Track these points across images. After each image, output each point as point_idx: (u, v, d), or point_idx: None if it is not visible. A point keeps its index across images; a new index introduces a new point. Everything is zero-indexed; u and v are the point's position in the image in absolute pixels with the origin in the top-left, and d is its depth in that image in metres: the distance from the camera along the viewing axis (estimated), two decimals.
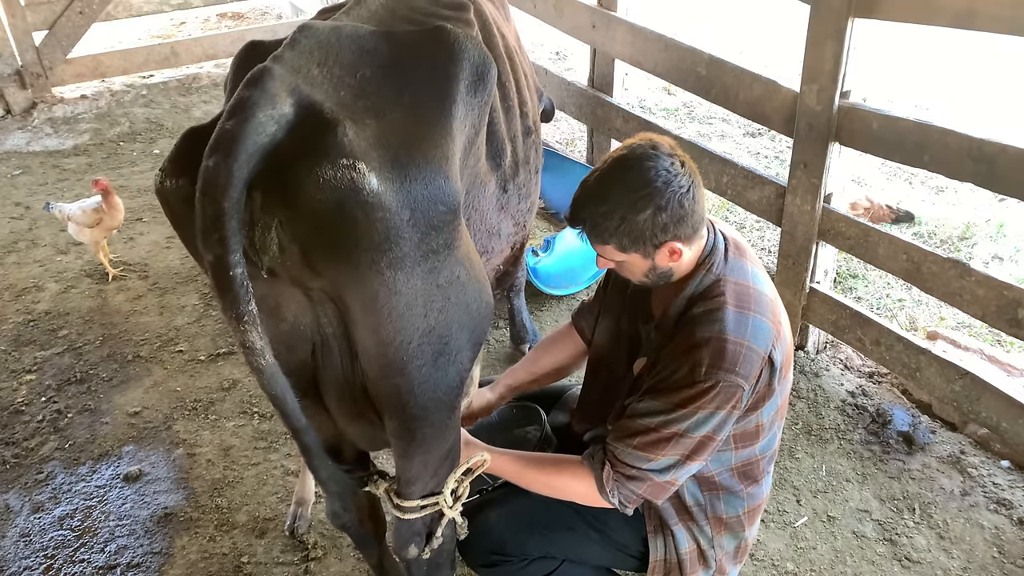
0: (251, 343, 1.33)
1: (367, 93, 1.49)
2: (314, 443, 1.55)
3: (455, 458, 1.81)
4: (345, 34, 1.55)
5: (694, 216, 1.69)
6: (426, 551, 1.85)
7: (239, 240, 1.29)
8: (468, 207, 1.91)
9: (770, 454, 1.91)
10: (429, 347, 1.53)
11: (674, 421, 1.69)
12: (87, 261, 4.14)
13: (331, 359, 1.61)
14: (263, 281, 1.44)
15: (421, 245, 1.43)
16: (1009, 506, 2.69)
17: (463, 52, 1.59)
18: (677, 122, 5.45)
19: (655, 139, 1.70)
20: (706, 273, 1.76)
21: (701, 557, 1.93)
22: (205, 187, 1.27)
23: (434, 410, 1.61)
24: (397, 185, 1.37)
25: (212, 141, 1.29)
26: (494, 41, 2.10)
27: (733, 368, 1.65)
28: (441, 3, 1.94)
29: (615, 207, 1.65)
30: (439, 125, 1.51)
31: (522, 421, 2.26)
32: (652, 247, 1.69)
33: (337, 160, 1.32)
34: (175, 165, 1.43)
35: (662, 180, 1.63)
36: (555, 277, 3.75)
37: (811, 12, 2.75)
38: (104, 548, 2.65)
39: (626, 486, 1.77)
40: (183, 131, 1.47)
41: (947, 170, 2.58)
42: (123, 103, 5.93)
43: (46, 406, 3.23)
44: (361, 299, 1.44)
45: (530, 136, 2.25)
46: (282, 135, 1.33)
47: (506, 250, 2.28)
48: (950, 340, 3.11)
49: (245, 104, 1.30)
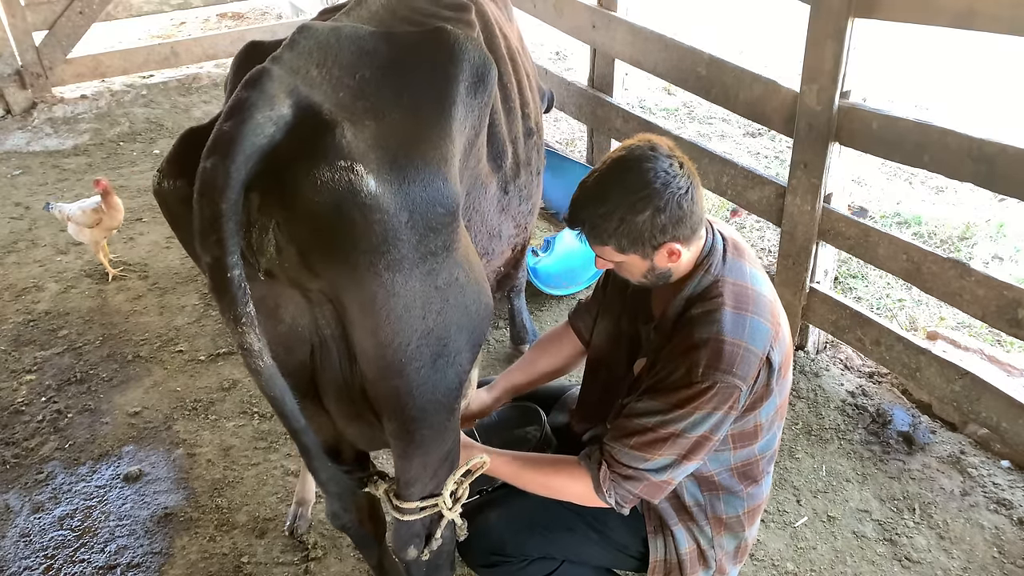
0: (249, 344, 1.33)
1: (366, 94, 1.49)
2: (313, 444, 1.55)
3: (454, 460, 1.81)
4: (344, 35, 1.55)
5: (693, 217, 1.68)
6: (425, 552, 1.85)
7: (237, 242, 1.29)
8: (469, 209, 1.91)
9: (770, 454, 1.91)
10: (428, 349, 1.53)
11: (671, 421, 1.69)
12: (87, 261, 4.14)
13: (329, 360, 1.61)
14: (261, 282, 1.44)
15: (419, 247, 1.42)
16: (1009, 506, 2.69)
17: (463, 53, 1.59)
18: (677, 122, 5.45)
19: (654, 140, 1.69)
20: (704, 274, 1.75)
21: (701, 557, 1.93)
22: (203, 188, 1.27)
23: (433, 412, 1.61)
24: (395, 187, 1.37)
25: (210, 142, 1.29)
26: (496, 42, 2.10)
27: (730, 369, 1.65)
28: (442, 3, 1.93)
29: (614, 208, 1.65)
30: (438, 127, 1.50)
31: (521, 422, 2.26)
32: (651, 248, 1.69)
33: (335, 162, 1.32)
34: (173, 166, 1.43)
35: (661, 181, 1.63)
36: (555, 277, 3.75)
37: (811, 12, 2.75)
38: (104, 548, 2.65)
39: (622, 486, 1.77)
40: (182, 131, 1.46)
41: (947, 170, 2.58)
42: (123, 103, 5.93)
43: (46, 406, 3.23)
44: (359, 301, 1.43)
45: (532, 137, 2.24)
46: (280, 136, 1.33)
47: (507, 252, 2.28)
48: (950, 340, 3.10)
49: (243, 105, 1.30)
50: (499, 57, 2.07)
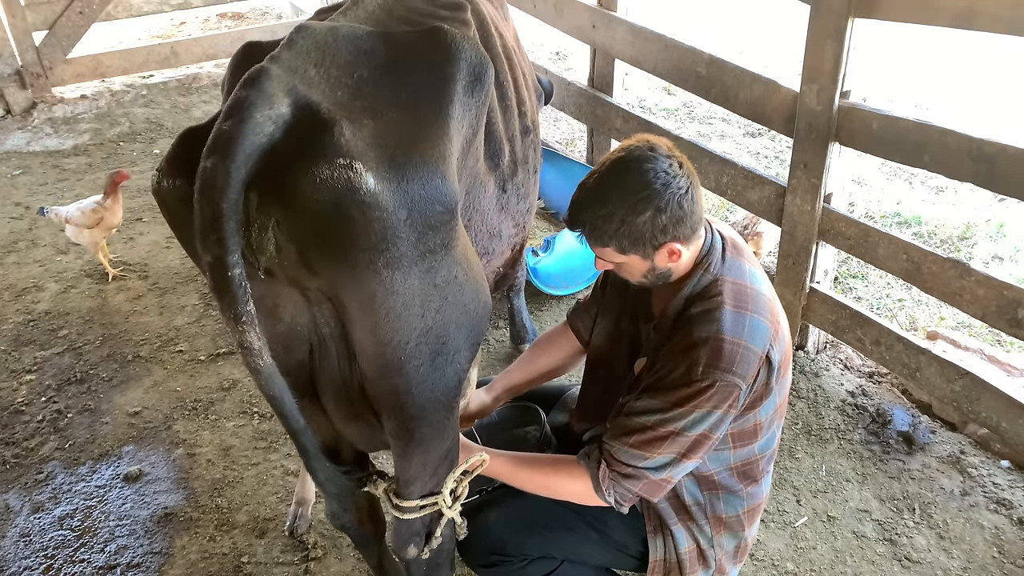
0: (249, 343, 1.33)
1: (364, 93, 1.49)
2: (312, 444, 1.55)
3: (454, 458, 1.81)
4: (342, 35, 1.55)
5: (693, 217, 1.69)
6: (425, 551, 1.85)
7: (237, 241, 1.29)
8: (469, 208, 1.91)
9: (769, 453, 1.91)
10: (427, 347, 1.53)
11: (671, 420, 1.69)
12: (87, 261, 4.14)
13: (328, 359, 1.61)
14: (261, 281, 1.44)
15: (418, 245, 1.43)
16: (1009, 506, 2.69)
17: (460, 52, 1.59)
18: (677, 122, 5.46)
19: (652, 140, 1.69)
20: (703, 273, 1.76)
21: (701, 557, 1.93)
22: (203, 188, 1.27)
23: (432, 410, 1.61)
24: (394, 185, 1.37)
25: (210, 142, 1.29)
26: (492, 41, 2.10)
27: (730, 368, 1.66)
28: (438, 3, 1.93)
29: (615, 209, 1.65)
30: (436, 125, 1.50)
31: (521, 421, 2.26)
32: (652, 248, 1.69)
33: (334, 160, 1.32)
34: (172, 165, 1.43)
35: (661, 182, 1.63)
36: (555, 277, 3.75)
37: (811, 12, 2.75)
38: (104, 548, 2.65)
39: (622, 484, 1.77)
40: (181, 131, 1.46)
41: (947, 170, 2.58)
42: (123, 103, 5.93)
43: (46, 406, 3.23)
44: (358, 299, 1.44)
45: (528, 136, 2.24)
46: (279, 135, 1.33)
47: (506, 252, 2.28)
48: (950, 340, 3.10)
49: (242, 104, 1.30)
50: (495, 56, 2.07)
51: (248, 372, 1.39)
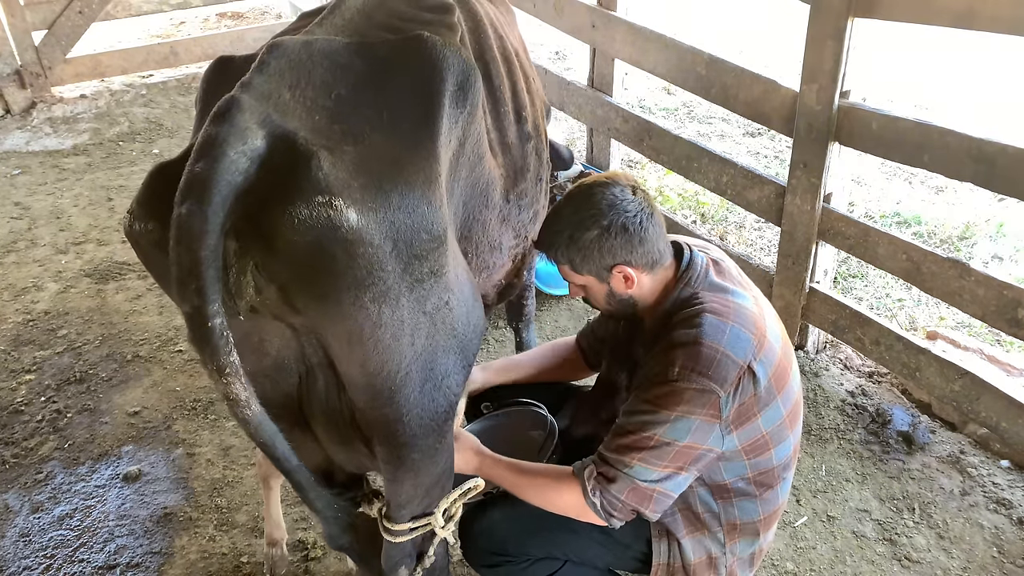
0: (235, 395, 1.27)
1: (343, 116, 1.40)
2: (307, 479, 1.51)
3: (447, 481, 1.78)
4: (317, 50, 1.45)
5: (645, 244, 1.75)
6: (418, 571, 1.83)
7: (218, 289, 1.22)
8: (469, 219, 1.85)
9: (785, 461, 1.89)
10: (417, 375, 1.49)
11: (649, 424, 1.69)
12: (87, 261, 4.14)
13: (317, 388, 1.57)
14: (244, 319, 1.38)
15: (405, 276, 1.37)
16: (1009, 506, 2.69)
17: (443, 63, 1.50)
18: (677, 121, 5.46)
19: (617, 173, 1.83)
20: (684, 287, 1.81)
21: (711, 565, 1.92)
22: (180, 236, 1.19)
23: (423, 436, 1.57)
24: (378, 216, 1.30)
25: (183, 185, 1.20)
26: (488, 42, 2.01)
27: (706, 372, 1.66)
28: (423, 6, 1.80)
29: (564, 226, 1.78)
30: (422, 147, 1.43)
31: (527, 424, 2.25)
32: (604, 270, 1.78)
33: (312, 198, 1.24)
34: (143, 208, 1.33)
35: (607, 203, 1.74)
36: (555, 277, 3.74)
37: (811, 12, 2.75)
38: (104, 548, 2.65)
39: (608, 490, 1.75)
40: (150, 170, 1.36)
41: (947, 170, 2.58)
42: (122, 103, 5.92)
43: (45, 406, 3.23)
44: (346, 334, 1.38)
45: (529, 142, 2.13)
46: (255, 170, 1.25)
47: (507, 264, 2.21)
48: (950, 340, 3.10)
49: (214, 142, 1.21)
50: (491, 57, 1.99)
51: (236, 422, 1.32)
